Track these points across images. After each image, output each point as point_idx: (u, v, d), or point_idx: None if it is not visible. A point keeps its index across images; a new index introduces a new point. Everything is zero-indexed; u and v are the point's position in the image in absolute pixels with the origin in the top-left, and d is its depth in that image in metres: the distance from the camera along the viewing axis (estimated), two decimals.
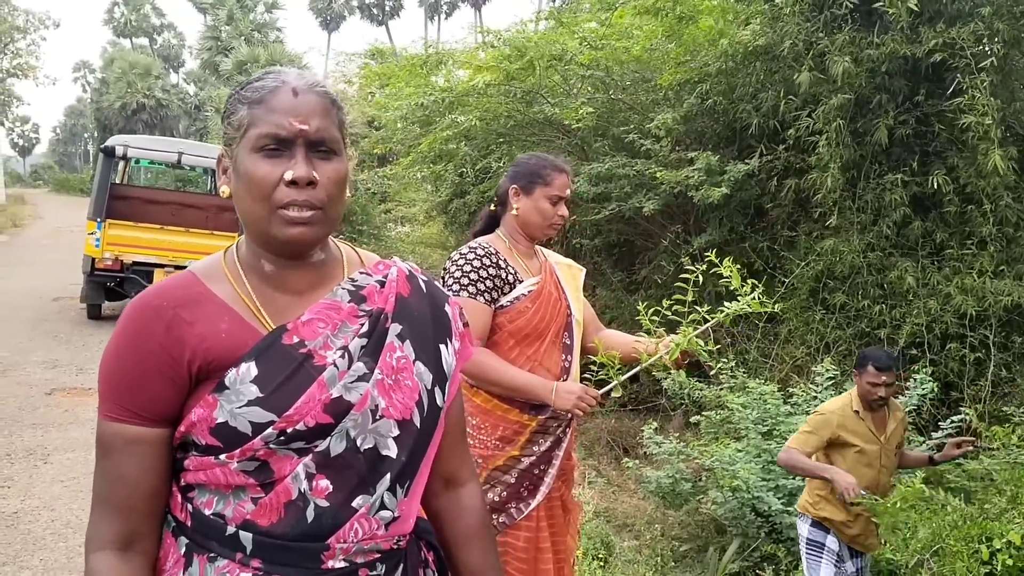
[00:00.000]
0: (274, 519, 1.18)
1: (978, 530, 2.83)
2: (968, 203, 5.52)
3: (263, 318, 1.22)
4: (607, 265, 8.22)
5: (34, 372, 7.41)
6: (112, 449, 1.18)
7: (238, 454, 1.16)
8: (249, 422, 1.15)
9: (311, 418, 1.17)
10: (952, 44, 5.23)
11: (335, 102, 1.25)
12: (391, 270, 1.34)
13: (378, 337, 1.26)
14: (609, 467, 6.43)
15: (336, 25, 53.48)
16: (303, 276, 1.27)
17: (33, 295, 11.76)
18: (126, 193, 11.37)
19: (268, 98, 1.20)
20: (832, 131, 5.70)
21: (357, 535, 1.22)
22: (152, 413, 1.17)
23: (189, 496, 1.22)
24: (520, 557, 2.48)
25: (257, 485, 1.18)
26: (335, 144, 1.22)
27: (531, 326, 2.51)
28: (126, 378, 1.17)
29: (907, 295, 5.61)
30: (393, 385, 1.25)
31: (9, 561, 3.78)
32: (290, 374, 1.18)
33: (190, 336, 1.17)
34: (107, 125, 43.01)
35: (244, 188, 1.20)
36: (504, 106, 7.34)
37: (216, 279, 1.25)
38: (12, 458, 5.14)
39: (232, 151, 1.23)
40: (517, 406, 2.50)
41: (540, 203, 2.59)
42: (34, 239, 20.35)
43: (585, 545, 4.30)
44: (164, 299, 1.20)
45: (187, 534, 1.21)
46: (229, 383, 1.16)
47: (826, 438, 3.52)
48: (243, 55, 33.04)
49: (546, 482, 2.52)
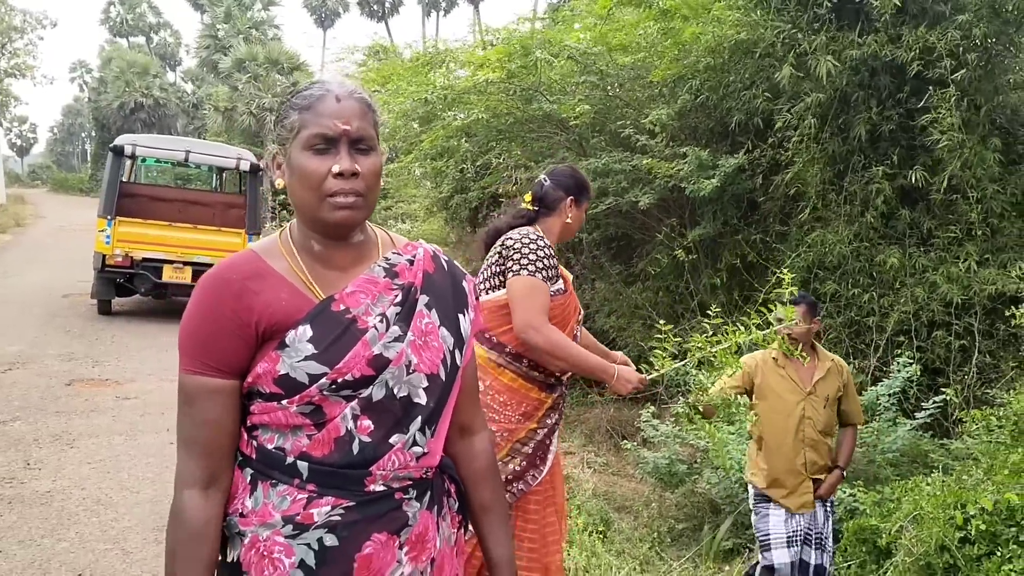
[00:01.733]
0: (326, 451, 1.43)
1: (954, 498, 3.06)
2: (955, 193, 5.71)
3: (315, 289, 1.47)
4: (605, 258, 8.43)
5: (52, 364, 7.63)
6: (196, 398, 1.43)
7: (297, 400, 1.40)
8: (307, 373, 1.40)
9: (357, 370, 1.42)
10: (932, 49, 5.42)
11: (371, 106, 1.51)
12: (418, 251, 1.60)
13: (410, 306, 1.52)
14: (609, 453, 6.65)
15: (331, 22, 53.50)
16: (346, 254, 1.52)
17: (43, 292, 11.95)
18: (135, 191, 11.56)
19: (316, 104, 1.45)
20: (805, 128, 5.92)
21: (393, 465, 1.47)
22: (227, 366, 1.42)
23: (254, 434, 1.46)
24: (532, 520, 2.76)
25: (312, 424, 1.42)
26: (372, 141, 1.48)
27: (556, 318, 2.77)
28: (205, 338, 1.42)
29: (894, 284, 5.81)
30: (423, 345, 1.51)
31: (47, 535, 4.02)
32: (339, 335, 1.43)
33: (256, 303, 1.42)
34: (105, 124, 43.00)
35: (297, 180, 1.45)
36: (504, 103, 7.54)
37: (274, 256, 1.50)
38: (40, 443, 5.37)
39: (285, 150, 1.48)
40: (537, 384, 2.77)
41: (583, 214, 2.97)
42: (38, 238, 20.50)
43: (585, 521, 4.52)
44: (234, 272, 1.45)
45: (252, 465, 1.46)
46: (289, 342, 1.41)
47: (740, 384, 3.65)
48: (241, 53, 33.00)
49: (551, 450, 2.81)
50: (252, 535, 1.43)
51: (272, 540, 1.42)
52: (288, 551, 1.42)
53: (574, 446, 6.59)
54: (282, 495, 1.43)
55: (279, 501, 1.43)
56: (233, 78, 31.47)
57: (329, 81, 1.51)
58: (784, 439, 3.65)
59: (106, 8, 55.24)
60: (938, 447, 4.53)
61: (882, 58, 5.67)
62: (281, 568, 1.41)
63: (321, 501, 1.43)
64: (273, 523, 1.42)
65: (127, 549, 3.92)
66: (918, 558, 2.97)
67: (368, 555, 1.44)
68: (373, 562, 1.45)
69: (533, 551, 2.72)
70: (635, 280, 7.88)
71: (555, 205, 2.94)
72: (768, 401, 3.67)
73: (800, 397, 3.64)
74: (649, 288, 7.60)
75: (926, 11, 5.69)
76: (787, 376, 3.66)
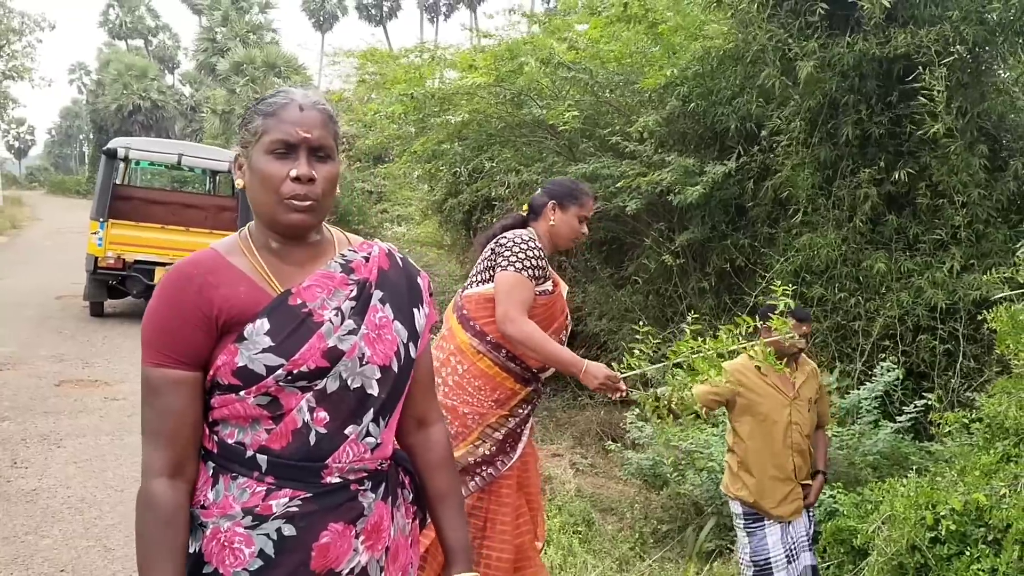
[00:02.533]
0: (284, 444, 1.49)
1: (925, 499, 3.09)
2: (941, 198, 5.75)
3: (273, 283, 1.54)
4: (597, 261, 8.47)
5: (42, 365, 7.66)
6: (160, 389, 1.48)
7: (254, 390, 1.47)
8: (264, 365, 1.46)
9: (312, 362, 1.48)
10: (920, 46, 5.46)
11: (332, 116, 1.58)
12: (373, 248, 1.67)
13: (364, 300, 1.58)
14: (597, 456, 6.67)
15: (329, 25, 53.64)
16: (303, 252, 1.59)
17: (36, 293, 11.99)
18: (128, 194, 11.60)
19: (279, 111, 1.52)
20: (792, 132, 5.96)
21: (348, 457, 1.53)
22: (189, 358, 1.48)
23: (215, 430, 1.52)
24: (506, 504, 2.88)
25: (269, 417, 1.49)
26: (330, 150, 1.56)
27: (539, 317, 2.90)
28: (168, 330, 1.48)
29: (880, 288, 5.85)
30: (376, 338, 1.57)
31: (31, 531, 4.07)
32: (295, 328, 1.49)
33: (216, 296, 1.48)
34: (103, 127, 43.09)
35: (257, 182, 1.53)
36: (494, 107, 7.58)
37: (234, 253, 1.57)
38: (27, 443, 5.41)
39: (248, 152, 1.55)
40: (512, 375, 2.90)
41: (571, 220, 3.05)
42: (34, 240, 20.55)
43: (564, 520, 4.56)
44: (195, 268, 1.53)
45: (214, 459, 1.52)
46: (247, 334, 1.47)
47: (724, 395, 3.52)
48: (239, 56, 33.14)
49: (523, 440, 2.96)
50: (213, 526, 1.49)
51: (232, 531, 1.48)
52: (248, 541, 1.47)
53: (562, 448, 6.61)
54: (242, 487, 1.49)
55: (239, 493, 1.49)
56: (231, 81, 31.59)
57: (293, 90, 1.58)
58: (772, 447, 3.57)
59: (105, 11, 55.40)
60: (919, 450, 4.56)
61: (870, 61, 5.71)
62: (242, 557, 1.47)
63: (279, 493, 1.49)
64: (233, 514, 1.48)
65: (109, 546, 3.96)
66: (890, 558, 3.00)
67: (325, 544, 1.50)
68: (330, 551, 1.51)
69: (505, 532, 2.86)
70: (625, 283, 7.91)
71: (540, 210, 3.08)
72: (754, 410, 3.58)
73: (786, 403, 3.58)
74: (639, 291, 7.62)
75: (915, 16, 5.74)
76: (771, 383, 3.60)
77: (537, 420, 7.17)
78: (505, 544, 2.84)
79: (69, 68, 64.72)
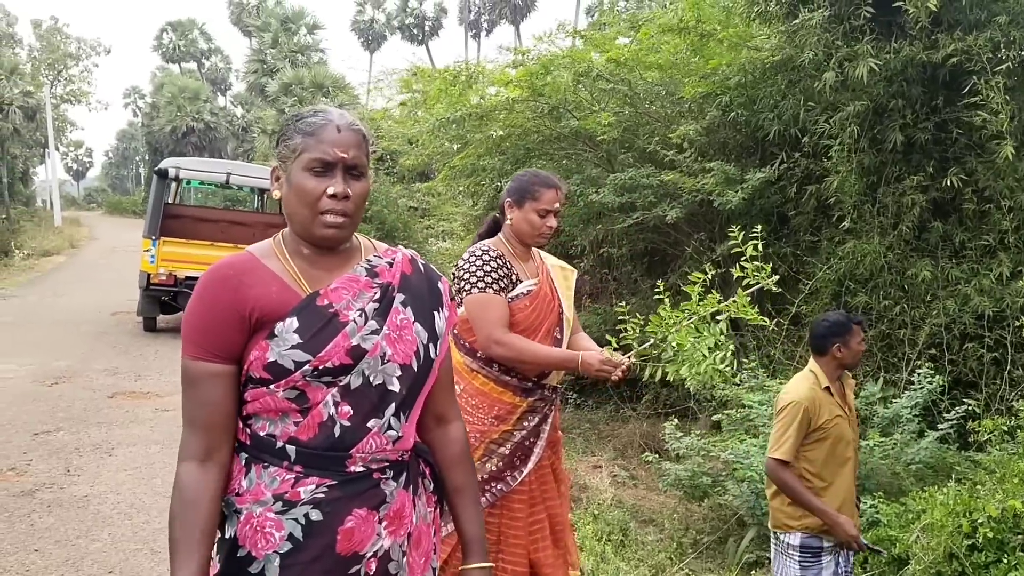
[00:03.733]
0: (310, 435, 1.59)
1: (963, 506, 3.05)
2: (988, 203, 5.65)
3: (303, 284, 1.64)
4: (638, 273, 8.46)
5: (97, 378, 7.89)
6: (197, 381, 1.59)
7: (283, 384, 1.57)
8: (292, 360, 1.56)
9: (337, 359, 1.58)
10: (969, 51, 5.38)
11: (366, 137, 1.69)
12: (397, 254, 1.77)
13: (387, 303, 1.68)
14: (639, 467, 6.65)
15: (378, 45, 54.33)
16: (332, 259, 1.69)
17: (93, 310, 12.34)
18: (178, 212, 11.90)
19: (318, 132, 1.63)
20: (846, 136, 5.89)
21: (371, 448, 1.63)
22: (224, 352, 1.58)
23: (248, 423, 1.63)
24: (518, 518, 2.83)
25: (297, 410, 1.59)
26: (364, 168, 1.66)
27: (528, 321, 2.85)
28: (204, 327, 1.59)
29: (926, 296, 5.76)
30: (397, 338, 1.67)
31: (82, 535, 4.21)
32: (322, 326, 1.59)
33: (250, 296, 1.59)
34: (158, 148, 44.09)
35: (295, 196, 1.64)
36: (532, 121, 7.64)
37: (268, 257, 1.68)
38: (80, 451, 5.58)
39: (286, 167, 1.66)
40: (510, 389, 2.85)
41: (529, 216, 2.91)
42: (91, 259, 21.13)
43: (602, 530, 4.55)
44: (231, 269, 1.64)
45: (247, 450, 1.63)
46: (278, 332, 1.58)
47: (805, 430, 3.22)
48: (288, 77, 33.70)
49: (536, 452, 2.88)
50: (247, 512, 1.59)
51: (264, 516, 1.57)
52: (278, 525, 1.57)
53: (603, 459, 6.61)
54: (272, 476, 1.59)
55: (270, 481, 1.59)
56: (280, 101, 32.11)
57: (331, 111, 1.69)
58: (842, 470, 3.33)
59: (159, 35, 56.81)
60: (963, 459, 4.48)
61: (915, 66, 5.64)
62: (272, 541, 1.57)
63: (307, 480, 1.58)
64: (265, 500, 1.58)
65: (156, 549, 4.07)
66: (928, 566, 2.96)
67: (350, 528, 1.60)
68: (355, 534, 1.60)
69: (518, 546, 2.80)
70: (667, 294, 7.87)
71: (502, 212, 3.02)
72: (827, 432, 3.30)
73: (849, 420, 3.38)
74: (677, 304, 7.58)
75: (959, 21, 5.66)
76: (837, 402, 3.35)
77: (579, 433, 7.19)
78: (518, 559, 2.80)
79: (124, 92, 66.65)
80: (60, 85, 39.68)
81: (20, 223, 27.78)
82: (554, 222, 2.95)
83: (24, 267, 19.23)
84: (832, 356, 3.27)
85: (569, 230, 7.76)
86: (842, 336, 3.26)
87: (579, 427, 7.32)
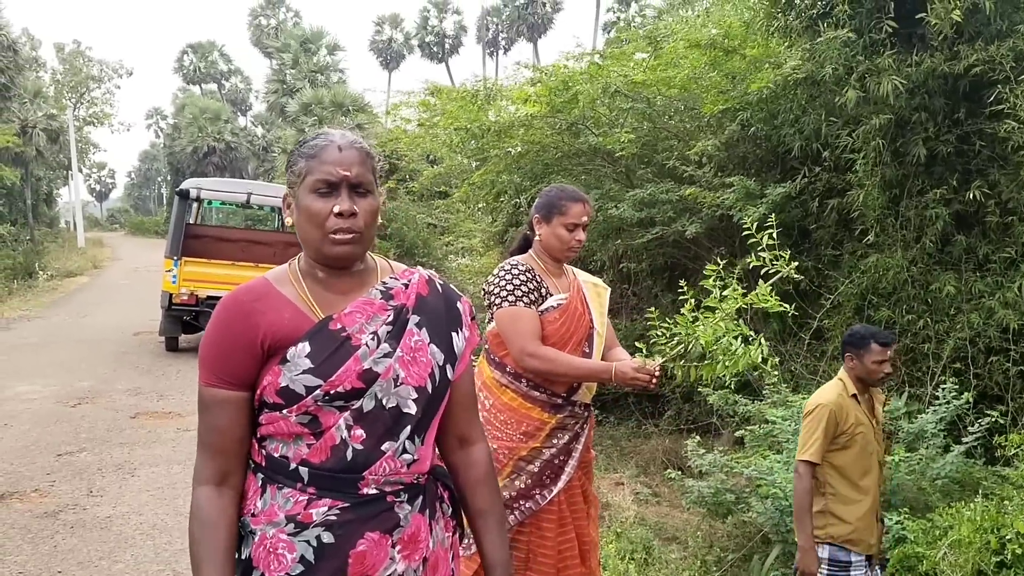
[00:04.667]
0: (323, 458, 1.59)
1: (990, 523, 2.99)
2: (1011, 215, 5.59)
3: (315, 310, 1.64)
4: (659, 288, 8.43)
5: (119, 399, 7.94)
6: (210, 406, 1.61)
7: (295, 409, 1.57)
8: (303, 385, 1.56)
9: (348, 383, 1.58)
10: (992, 60, 5.34)
11: (369, 154, 1.68)
12: (414, 276, 1.76)
13: (400, 325, 1.67)
14: (662, 484, 6.60)
15: (396, 64, 54.79)
16: (347, 281, 1.69)
17: (115, 330, 12.44)
18: (200, 232, 11.98)
19: (320, 153, 1.64)
20: (871, 150, 5.85)
21: (385, 471, 1.63)
22: (237, 379, 1.59)
23: (263, 444, 1.63)
24: (547, 537, 2.81)
25: (311, 434, 1.59)
26: (369, 185, 1.66)
27: (557, 335, 2.85)
28: (219, 354, 1.60)
29: (950, 310, 5.69)
30: (411, 361, 1.66)
31: (105, 556, 4.22)
32: (334, 351, 1.59)
33: (263, 322, 1.60)
34: (179, 168, 44.55)
35: (304, 219, 1.64)
36: (550, 137, 7.65)
37: (282, 282, 1.68)
38: (103, 472, 5.61)
39: (295, 192, 1.67)
40: (539, 405, 2.85)
41: (558, 230, 2.95)
42: (113, 279, 21.33)
43: (625, 548, 4.51)
44: (245, 295, 1.65)
45: (262, 471, 1.63)
46: (290, 357, 1.58)
47: (832, 433, 3.27)
48: (307, 97, 33.99)
49: (566, 471, 2.86)
50: (260, 533, 1.59)
51: (277, 537, 1.57)
52: (290, 547, 1.57)
53: (625, 476, 6.56)
54: (286, 497, 1.59)
55: (283, 502, 1.58)
56: (300, 121, 32.37)
57: (332, 132, 1.70)
58: (868, 479, 3.36)
59: (180, 57, 57.54)
60: (991, 474, 4.41)
61: (936, 78, 5.60)
62: (284, 562, 1.56)
63: (320, 502, 1.58)
64: (278, 521, 1.57)
65: (178, 571, 4.07)
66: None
67: (362, 552, 1.58)
68: (367, 558, 1.59)
69: (547, 565, 2.76)
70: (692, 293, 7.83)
71: (531, 228, 3.06)
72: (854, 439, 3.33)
73: (875, 432, 3.39)
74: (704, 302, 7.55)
75: (980, 32, 5.62)
76: (864, 411, 3.37)
77: (601, 450, 7.15)
78: None
79: (146, 113, 67.18)
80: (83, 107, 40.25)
81: (44, 244, 28.10)
82: (582, 236, 2.99)
83: (48, 288, 19.43)
84: (846, 365, 3.36)
85: (589, 245, 7.75)
86: (856, 348, 3.32)
87: (601, 444, 7.29)
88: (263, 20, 54.32)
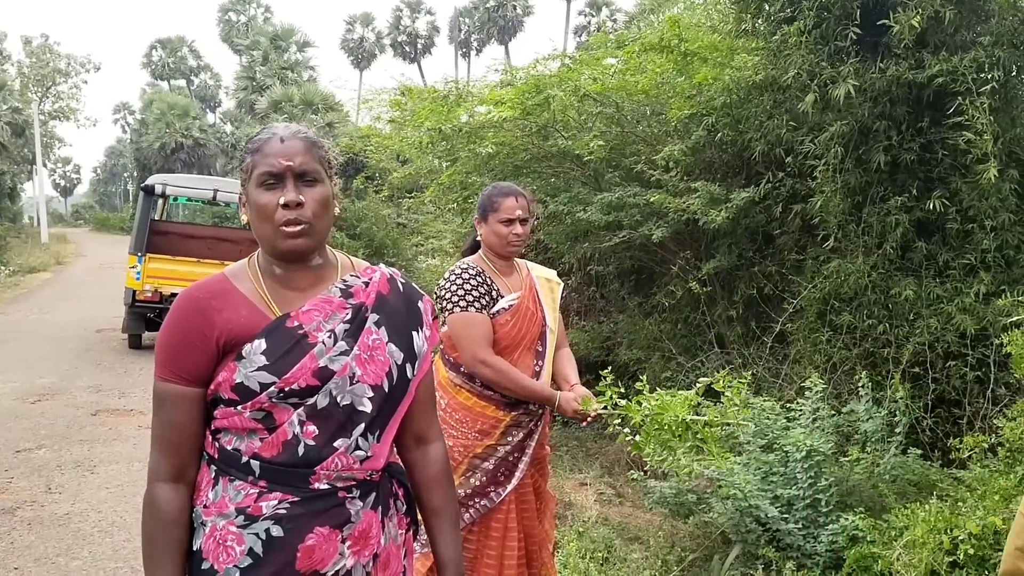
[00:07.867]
0: (274, 452, 1.61)
1: (944, 523, 3.06)
2: (971, 223, 5.69)
3: (272, 307, 1.64)
4: (625, 291, 8.48)
5: (80, 395, 7.85)
6: (165, 402, 1.61)
7: (250, 406, 1.58)
8: (258, 382, 1.57)
9: (303, 380, 1.59)
10: (954, 71, 5.43)
11: (315, 143, 1.67)
12: (375, 274, 1.76)
13: (358, 323, 1.67)
14: (626, 485, 6.64)
15: (368, 63, 54.59)
16: (305, 277, 1.69)
17: (78, 327, 12.28)
18: (165, 229, 11.88)
19: (263, 146, 1.64)
20: (831, 157, 5.94)
21: (337, 467, 1.64)
22: (191, 375, 1.60)
23: (217, 437, 1.64)
24: (493, 538, 2.86)
25: (264, 429, 1.60)
26: (316, 174, 1.65)
27: (509, 337, 2.90)
28: (174, 350, 1.60)
29: (909, 315, 5.78)
30: (368, 359, 1.66)
31: (62, 553, 4.18)
32: (289, 348, 1.59)
33: (219, 319, 1.60)
34: (146, 165, 43.99)
35: (255, 214, 1.64)
36: (520, 140, 7.67)
37: (240, 278, 1.68)
38: (62, 469, 5.55)
39: (245, 189, 1.67)
40: (493, 403, 2.89)
41: (495, 227, 2.99)
42: (77, 275, 21.06)
43: (587, 547, 4.54)
44: (202, 292, 1.65)
45: (215, 463, 1.63)
46: (245, 354, 1.58)
47: None
48: (277, 94, 33.78)
49: (520, 468, 2.91)
50: (211, 524, 1.59)
51: (227, 529, 1.58)
52: (239, 539, 1.58)
53: (590, 477, 6.60)
54: (237, 489, 1.60)
55: (234, 494, 1.60)
56: (270, 118, 32.10)
57: (276, 125, 1.72)
58: None
59: (148, 52, 57.02)
60: (946, 476, 4.49)
61: (900, 86, 5.69)
62: (233, 555, 1.57)
63: (270, 496, 1.59)
64: (228, 513, 1.58)
65: (136, 568, 4.05)
66: None
67: (311, 546, 1.59)
68: (315, 552, 1.60)
69: (490, 568, 2.80)
70: (653, 312, 7.90)
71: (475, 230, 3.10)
72: None
73: None
74: (667, 320, 7.61)
75: (945, 43, 5.72)
76: None
77: (567, 450, 7.18)
78: None
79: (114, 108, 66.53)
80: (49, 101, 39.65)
81: (6, 240, 27.62)
82: (520, 229, 2.99)
83: (9, 284, 19.13)
84: None
85: (557, 248, 7.78)
86: None
87: (567, 444, 7.32)
88: (233, 16, 53.90)
